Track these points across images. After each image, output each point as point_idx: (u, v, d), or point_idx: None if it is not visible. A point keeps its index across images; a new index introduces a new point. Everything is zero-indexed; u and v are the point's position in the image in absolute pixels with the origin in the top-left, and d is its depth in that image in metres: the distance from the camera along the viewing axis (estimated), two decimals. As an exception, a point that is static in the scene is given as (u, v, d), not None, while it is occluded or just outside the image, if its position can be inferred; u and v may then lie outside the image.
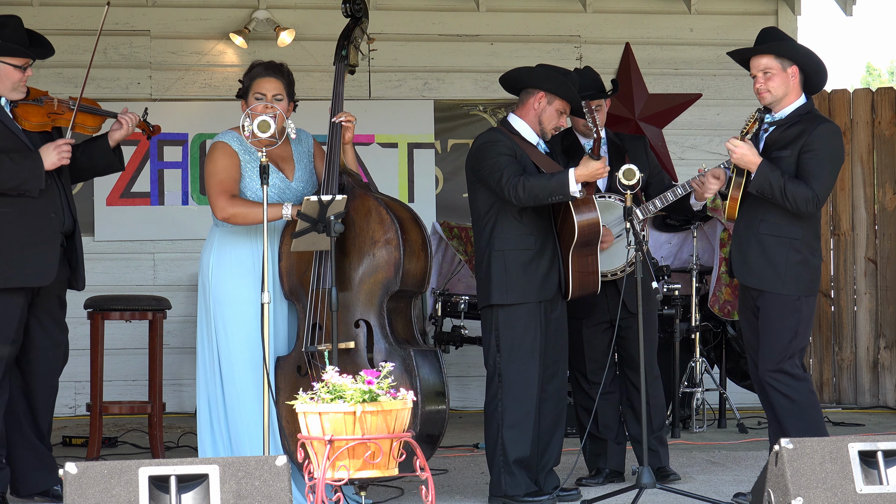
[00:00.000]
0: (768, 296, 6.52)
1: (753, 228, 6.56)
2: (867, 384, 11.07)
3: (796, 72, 6.57)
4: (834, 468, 5.52)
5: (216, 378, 6.55)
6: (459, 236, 9.91)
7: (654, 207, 7.22)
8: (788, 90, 6.57)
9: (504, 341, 6.74)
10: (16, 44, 6.52)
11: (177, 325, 10.09)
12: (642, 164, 7.18)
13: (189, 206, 10.40)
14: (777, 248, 6.51)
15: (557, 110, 6.81)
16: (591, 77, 7.35)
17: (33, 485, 6.70)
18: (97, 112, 6.74)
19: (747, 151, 6.47)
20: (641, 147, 7.46)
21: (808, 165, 6.46)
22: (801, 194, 6.41)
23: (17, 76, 6.54)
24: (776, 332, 6.50)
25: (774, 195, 6.42)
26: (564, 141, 7.35)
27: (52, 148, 6.52)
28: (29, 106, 6.61)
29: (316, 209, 6.24)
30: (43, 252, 6.54)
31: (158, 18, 10.46)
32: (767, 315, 6.52)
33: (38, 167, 6.48)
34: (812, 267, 6.55)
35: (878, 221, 11.07)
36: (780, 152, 6.51)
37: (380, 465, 5.27)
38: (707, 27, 11.05)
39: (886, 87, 11.20)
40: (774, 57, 6.58)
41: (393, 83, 10.72)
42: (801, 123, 6.54)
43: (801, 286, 6.52)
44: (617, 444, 7.42)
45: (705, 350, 9.66)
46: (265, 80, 6.61)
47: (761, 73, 6.61)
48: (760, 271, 6.53)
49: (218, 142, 6.61)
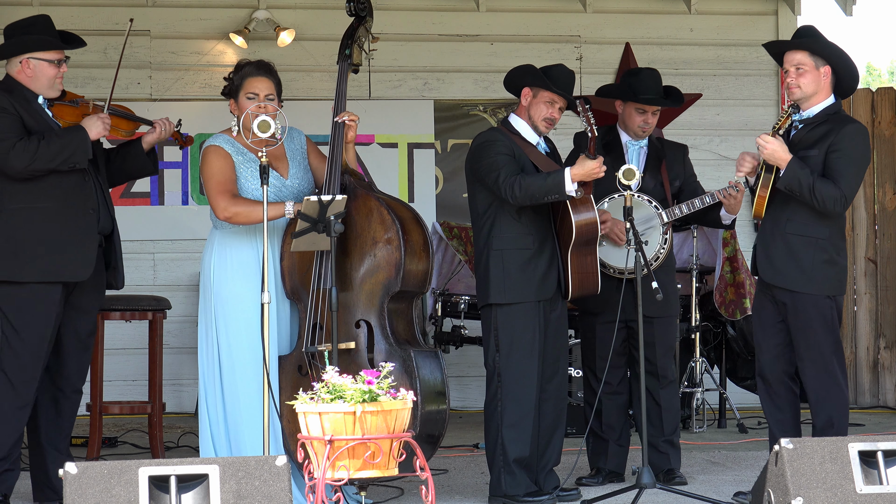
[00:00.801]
0: (798, 296, 6.51)
1: (780, 227, 6.55)
2: (867, 384, 11.08)
3: (828, 72, 6.54)
4: (834, 468, 5.52)
5: (216, 378, 6.56)
6: (459, 236, 9.91)
7: (680, 212, 7.24)
8: (818, 89, 6.54)
9: (503, 341, 6.74)
10: (53, 38, 6.55)
11: (177, 325, 10.10)
12: (678, 171, 7.37)
13: (189, 206, 10.41)
14: (803, 248, 6.50)
15: (544, 102, 6.80)
16: (652, 81, 7.35)
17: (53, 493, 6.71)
18: (130, 117, 6.77)
19: (778, 147, 6.45)
20: (681, 155, 7.50)
21: (836, 165, 6.44)
22: (830, 193, 6.40)
23: (53, 72, 6.56)
24: (813, 333, 6.50)
25: (803, 193, 6.41)
26: (606, 136, 7.38)
27: (95, 118, 6.54)
28: (64, 106, 6.64)
29: (316, 209, 6.24)
30: (81, 247, 6.54)
31: (158, 18, 10.46)
32: (797, 317, 6.52)
33: (85, 138, 6.47)
34: (839, 267, 6.55)
35: (878, 221, 11.08)
36: (807, 151, 6.50)
37: (380, 465, 5.27)
38: (707, 27, 11.05)
39: (886, 87, 11.21)
40: (809, 54, 6.53)
41: (393, 83, 10.72)
42: (828, 123, 6.52)
43: (828, 285, 6.51)
44: (619, 445, 7.41)
45: (705, 350, 9.66)
46: (257, 79, 6.60)
47: (794, 68, 6.55)
48: (786, 270, 6.52)
49: (210, 145, 6.61)
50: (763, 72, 10.99)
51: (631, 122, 7.34)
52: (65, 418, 6.75)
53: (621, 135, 7.41)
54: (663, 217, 7.22)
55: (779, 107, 10.97)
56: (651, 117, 7.34)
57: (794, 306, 6.52)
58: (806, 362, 6.54)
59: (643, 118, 7.32)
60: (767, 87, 11.05)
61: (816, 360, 6.51)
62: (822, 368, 6.51)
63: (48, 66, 6.55)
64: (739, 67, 11.05)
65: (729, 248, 9.52)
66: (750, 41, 11.01)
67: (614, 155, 7.30)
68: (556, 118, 6.86)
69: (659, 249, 7.26)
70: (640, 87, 7.29)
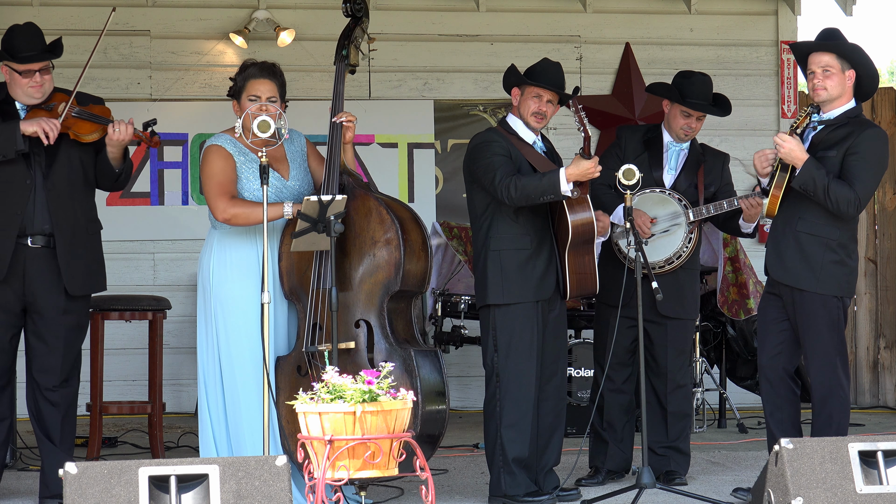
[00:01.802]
0: (807, 295, 6.51)
1: (791, 226, 6.54)
2: (867, 384, 11.08)
3: (853, 75, 6.53)
4: (834, 468, 5.53)
5: (216, 378, 6.56)
6: (459, 236, 9.91)
7: (707, 212, 7.23)
8: (843, 92, 6.53)
9: (501, 341, 6.74)
10: (19, 50, 6.56)
11: (177, 325, 10.09)
12: (715, 177, 7.36)
13: (189, 206, 10.41)
14: (814, 247, 6.50)
15: (531, 97, 6.80)
16: (702, 86, 7.34)
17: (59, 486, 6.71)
18: (95, 119, 6.66)
19: (795, 147, 6.45)
20: (720, 163, 7.48)
21: (853, 168, 6.44)
22: (844, 195, 6.40)
23: (24, 81, 6.60)
24: (818, 332, 6.50)
25: (817, 193, 6.40)
26: (648, 134, 7.38)
27: (39, 119, 6.53)
28: (38, 110, 6.64)
29: (316, 209, 6.24)
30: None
31: (158, 18, 10.46)
32: (803, 315, 6.52)
33: (14, 129, 6.48)
34: (848, 268, 6.55)
35: (878, 221, 11.08)
36: (825, 152, 6.49)
37: (380, 465, 5.27)
38: (707, 27, 11.04)
39: (886, 87, 11.21)
40: (837, 56, 6.52)
41: (393, 83, 10.72)
42: (848, 126, 6.51)
43: (837, 286, 6.51)
44: (618, 446, 7.40)
45: (705, 350, 9.66)
46: (260, 81, 6.60)
47: (821, 69, 6.52)
48: (796, 269, 6.52)
49: (212, 145, 6.60)
50: (763, 72, 10.99)
51: (675, 124, 7.33)
52: (47, 419, 6.69)
53: (664, 134, 7.40)
54: (689, 216, 7.22)
55: (779, 107, 10.96)
56: (695, 122, 7.33)
57: (802, 305, 6.52)
58: (810, 361, 6.54)
59: (687, 122, 7.31)
60: (767, 87, 11.05)
61: (821, 358, 6.52)
62: (826, 367, 6.51)
63: (18, 75, 6.60)
64: (739, 67, 11.04)
65: (729, 248, 9.51)
66: (750, 41, 11.01)
67: (653, 153, 7.31)
68: (545, 111, 6.81)
69: (682, 247, 7.25)
70: (689, 91, 7.28)
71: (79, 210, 6.72)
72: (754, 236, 7.45)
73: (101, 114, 6.67)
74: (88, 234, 6.76)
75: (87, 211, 6.78)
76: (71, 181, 6.68)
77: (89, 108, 6.67)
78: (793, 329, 6.60)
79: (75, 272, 6.67)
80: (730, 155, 7.68)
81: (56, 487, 6.39)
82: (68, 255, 6.64)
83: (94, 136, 6.64)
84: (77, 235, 6.70)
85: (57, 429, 6.67)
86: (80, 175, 6.72)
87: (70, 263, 6.65)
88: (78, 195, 6.72)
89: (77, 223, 6.70)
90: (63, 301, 6.67)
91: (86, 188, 6.77)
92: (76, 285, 6.68)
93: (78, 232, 6.70)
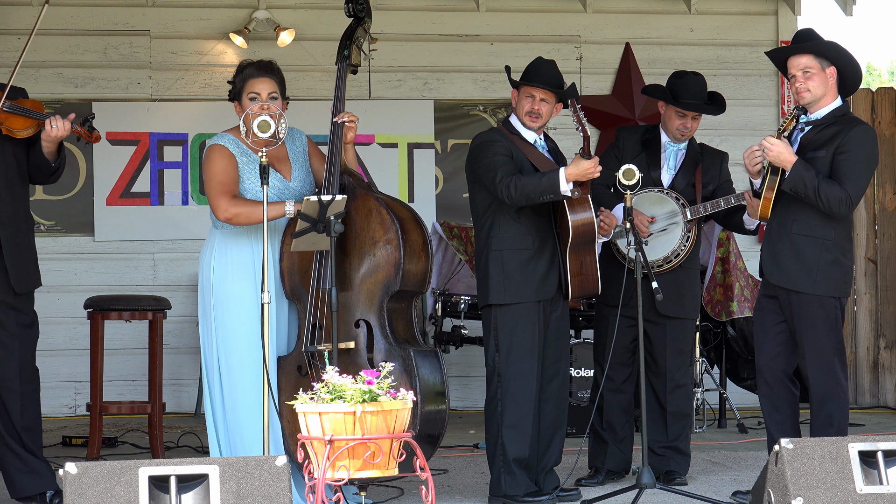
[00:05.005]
0: (804, 297, 6.51)
1: (786, 228, 6.54)
2: (867, 384, 11.08)
3: (834, 72, 6.53)
4: (834, 468, 5.53)
5: (217, 378, 6.56)
6: (459, 236, 9.91)
7: (704, 210, 7.24)
8: (826, 90, 6.53)
9: (503, 341, 6.74)
10: None
11: (177, 325, 10.09)
12: (713, 175, 7.38)
13: (189, 206, 10.40)
14: (809, 248, 6.49)
15: (525, 97, 6.81)
16: (695, 86, 7.34)
17: (25, 488, 6.67)
18: (29, 114, 6.53)
19: (783, 150, 6.44)
20: (718, 161, 7.49)
21: (843, 167, 6.44)
22: (835, 195, 6.40)
23: None
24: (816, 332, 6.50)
25: (808, 194, 6.40)
26: (647, 135, 7.39)
27: None
28: None
29: (316, 209, 6.24)
30: None
31: (158, 18, 10.46)
32: (801, 316, 6.52)
33: None
34: (844, 268, 6.55)
35: (878, 221, 11.07)
36: (815, 153, 6.49)
37: (380, 465, 5.27)
38: (707, 27, 11.05)
39: (886, 87, 11.20)
40: (814, 56, 6.52)
41: (393, 83, 10.72)
42: (837, 125, 6.51)
43: (833, 286, 6.51)
44: (618, 446, 7.40)
45: (705, 350, 9.66)
46: (259, 80, 6.59)
47: (801, 72, 6.53)
48: (792, 271, 6.52)
49: (214, 144, 6.60)
50: (763, 72, 10.99)
51: (671, 125, 7.34)
52: (13, 416, 6.61)
53: (662, 135, 7.41)
54: (687, 214, 7.23)
55: (779, 107, 10.96)
56: (690, 122, 7.34)
57: (800, 306, 6.52)
58: (808, 361, 6.54)
59: (682, 122, 7.32)
60: (767, 87, 11.05)
61: (819, 359, 6.51)
62: (825, 368, 6.51)
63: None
64: (739, 67, 11.04)
65: (723, 249, 9.52)
66: (750, 41, 11.01)
67: (650, 153, 7.32)
68: (539, 109, 6.80)
69: (680, 246, 7.25)
70: (682, 92, 7.30)
71: (18, 206, 6.65)
72: (756, 233, 7.45)
73: (34, 108, 6.57)
74: (28, 230, 6.70)
75: (25, 207, 6.72)
76: (8, 178, 6.61)
77: (20, 103, 6.55)
78: (790, 330, 6.60)
79: (21, 269, 6.61)
80: (729, 154, 7.68)
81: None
82: (14, 253, 6.58)
83: (28, 132, 6.54)
84: (20, 232, 6.64)
85: (33, 429, 6.64)
86: (16, 171, 6.64)
87: (16, 261, 6.59)
88: (16, 191, 6.65)
89: (18, 219, 6.64)
90: (11, 299, 6.59)
91: (22, 184, 6.69)
92: (22, 283, 6.61)
93: (20, 228, 6.64)
